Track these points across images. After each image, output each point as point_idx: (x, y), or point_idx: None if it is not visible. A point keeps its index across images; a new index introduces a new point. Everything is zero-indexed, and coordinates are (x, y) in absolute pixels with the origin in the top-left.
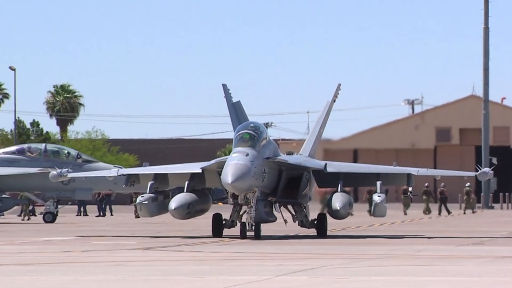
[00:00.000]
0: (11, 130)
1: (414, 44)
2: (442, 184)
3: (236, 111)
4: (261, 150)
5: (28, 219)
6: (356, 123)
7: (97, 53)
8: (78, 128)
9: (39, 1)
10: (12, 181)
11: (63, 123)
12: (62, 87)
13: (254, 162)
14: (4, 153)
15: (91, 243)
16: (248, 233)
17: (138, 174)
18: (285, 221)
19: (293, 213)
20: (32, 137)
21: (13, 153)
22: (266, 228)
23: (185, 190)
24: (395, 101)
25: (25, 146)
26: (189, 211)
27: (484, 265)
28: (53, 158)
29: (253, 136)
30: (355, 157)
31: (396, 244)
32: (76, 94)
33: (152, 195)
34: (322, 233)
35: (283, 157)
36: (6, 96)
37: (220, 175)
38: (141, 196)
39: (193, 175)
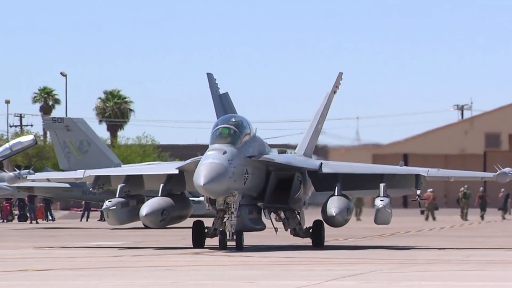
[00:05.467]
0: None
1: (463, 49)
2: None
3: (223, 104)
4: (243, 147)
5: None
6: (406, 128)
7: (146, 59)
8: (128, 134)
9: (89, 8)
10: None
11: (113, 129)
12: (112, 92)
13: (232, 161)
14: None
15: (141, 247)
16: (229, 243)
17: (108, 176)
18: (276, 229)
19: (285, 220)
20: None
21: None
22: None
23: (159, 194)
24: (445, 107)
25: None
26: (163, 218)
27: None
28: None
29: (233, 131)
30: (405, 162)
31: (445, 249)
32: (126, 99)
33: (121, 199)
34: (318, 243)
35: (269, 156)
36: (57, 101)
37: None
38: (109, 201)
39: (169, 177)
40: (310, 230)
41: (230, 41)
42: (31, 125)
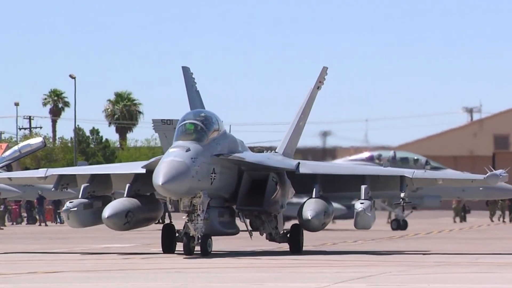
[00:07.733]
0: (71, 138)
1: (472, 52)
2: None
3: (200, 99)
4: (210, 145)
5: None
6: (415, 130)
7: (156, 61)
8: (137, 136)
9: (99, 11)
10: None
11: (122, 131)
12: (121, 95)
13: (196, 159)
14: (352, 160)
15: (151, 249)
16: (196, 248)
17: (73, 175)
18: (250, 233)
19: (260, 223)
20: (91, 145)
21: (362, 160)
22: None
23: (125, 195)
24: (454, 109)
25: (375, 153)
26: (127, 220)
27: None
28: (401, 165)
29: (199, 127)
30: None
31: (455, 251)
32: (135, 102)
33: (84, 200)
34: (296, 248)
35: (240, 154)
36: (66, 104)
37: None
38: (70, 202)
39: (136, 177)
40: (288, 235)
41: (232, 42)
42: (40, 127)
